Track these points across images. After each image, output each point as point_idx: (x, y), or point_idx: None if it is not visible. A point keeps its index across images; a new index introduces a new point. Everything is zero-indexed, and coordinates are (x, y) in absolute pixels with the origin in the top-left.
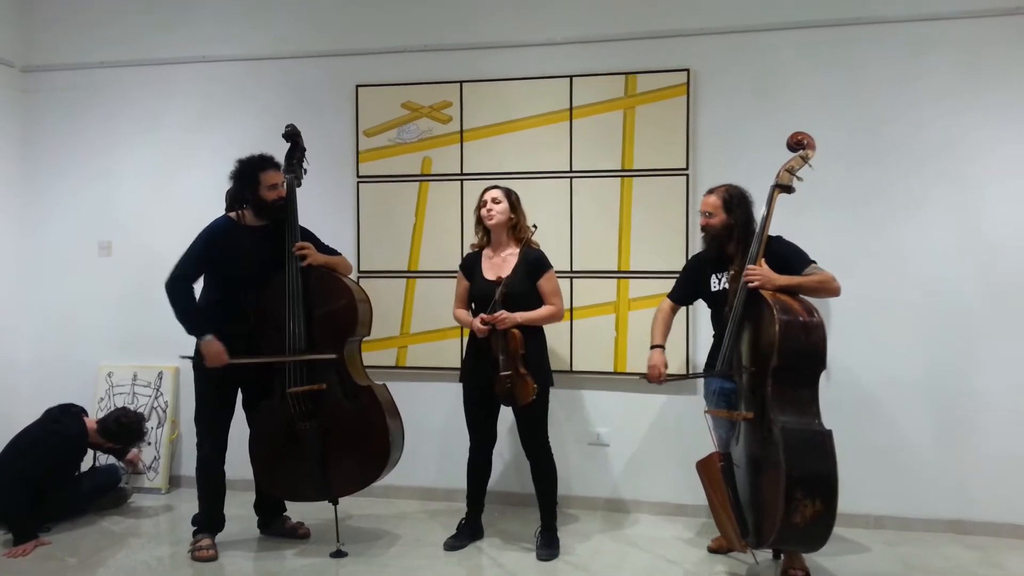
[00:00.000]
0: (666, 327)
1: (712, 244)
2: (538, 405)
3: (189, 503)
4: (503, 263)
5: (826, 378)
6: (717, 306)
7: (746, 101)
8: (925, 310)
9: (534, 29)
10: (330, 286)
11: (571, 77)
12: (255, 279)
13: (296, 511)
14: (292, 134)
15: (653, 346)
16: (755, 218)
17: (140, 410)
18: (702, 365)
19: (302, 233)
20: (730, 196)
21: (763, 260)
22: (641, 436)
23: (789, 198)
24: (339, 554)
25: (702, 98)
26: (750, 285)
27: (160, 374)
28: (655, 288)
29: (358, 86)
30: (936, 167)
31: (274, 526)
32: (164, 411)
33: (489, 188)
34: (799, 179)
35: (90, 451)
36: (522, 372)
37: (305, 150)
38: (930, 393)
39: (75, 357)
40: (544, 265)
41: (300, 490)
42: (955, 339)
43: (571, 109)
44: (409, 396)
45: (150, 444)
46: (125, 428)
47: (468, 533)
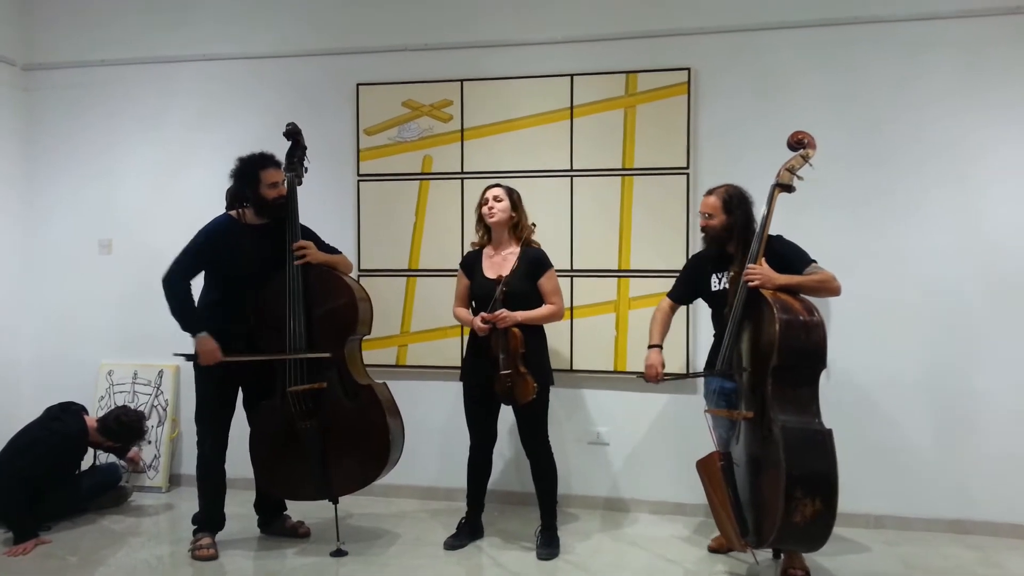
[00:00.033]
0: (664, 327)
1: (712, 244)
2: (538, 404)
3: (189, 502)
4: (504, 262)
5: (826, 377)
6: (717, 306)
7: (747, 100)
8: (925, 310)
9: (535, 28)
10: (330, 285)
11: (572, 76)
12: (255, 278)
13: (296, 510)
14: (293, 132)
15: (650, 346)
16: (755, 218)
17: (140, 409)
18: (702, 365)
19: (303, 232)
20: (730, 197)
21: (763, 259)
22: (641, 435)
23: (789, 197)
24: (339, 553)
25: (703, 97)
26: (750, 284)
27: (161, 372)
28: (655, 287)
29: (359, 84)
30: (937, 167)
31: (274, 525)
32: (164, 410)
33: (491, 186)
34: (799, 178)
35: (90, 450)
36: (522, 371)
37: (306, 148)
38: (930, 393)
39: (76, 355)
40: (545, 264)
41: (300, 489)
42: (955, 339)
43: (572, 108)
44: (409, 395)
45: (150, 443)
46: (125, 427)
47: (468, 532)
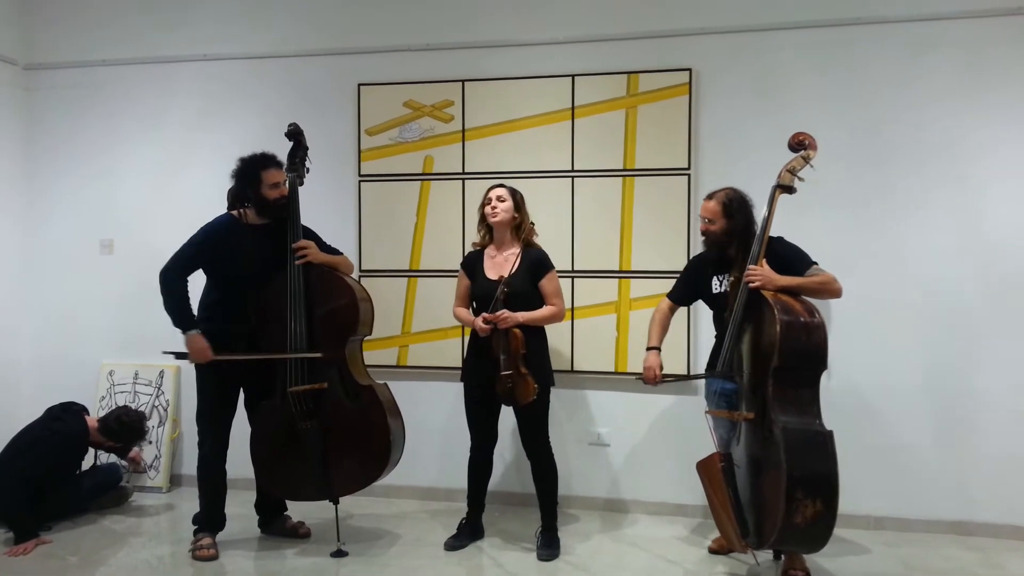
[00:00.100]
0: (663, 328)
1: (713, 248)
2: (539, 405)
3: (190, 502)
4: (505, 262)
5: (827, 378)
6: (718, 308)
7: (748, 101)
8: (926, 310)
9: (536, 28)
10: (331, 285)
11: (573, 76)
12: (256, 278)
13: (297, 510)
14: (295, 133)
15: (649, 348)
16: (756, 221)
17: (141, 409)
18: (703, 366)
19: (304, 232)
20: (730, 201)
21: (764, 260)
22: (642, 436)
23: (790, 198)
24: (340, 554)
25: (704, 98)
26: (751, 285)
27: (161, 373)
28: (656, 288)
29: (360, 85)
30: (937, 167)
31: (275, 525)
32: (165, 410)
33: (494, 186)
34: (800, 179)
35: (91, 450)
36: (523, 372)
37: (308, 149)
38: (930, 393)
39: (76, 355)
40: (546, 265)
41: (301, 489)
42: (955, 339)
43: (573, 108)
44: (410, 395)
45: (151, 443)
46: (126, 427)
47: (469, 533)
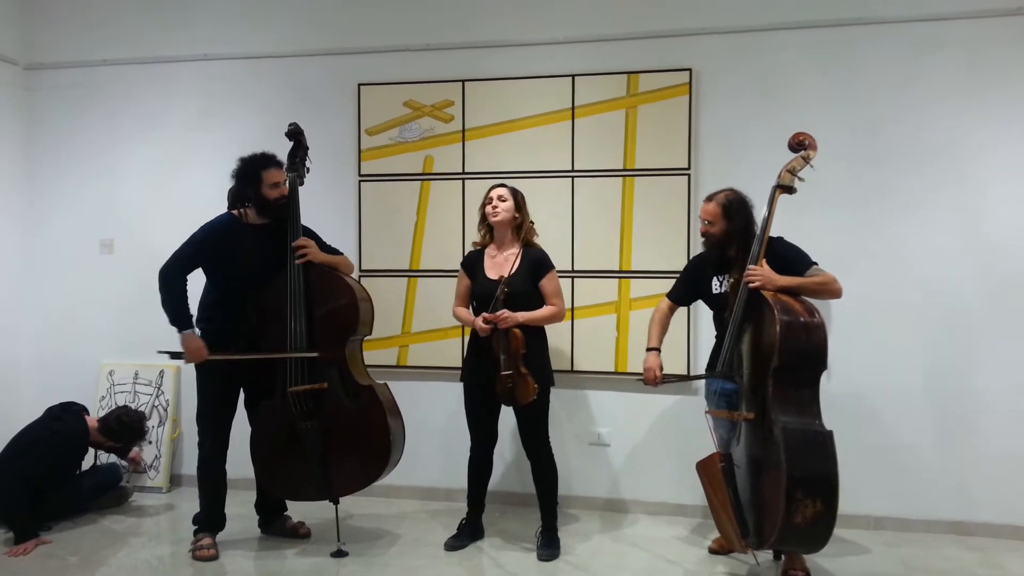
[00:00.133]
0: (662, 329)
1: (713, 250)
2: (539, 405)
3: (190, 502)
4: (505, 262)
5: (827, 379)
6: (718, 309)
7: (748, 101)
8: (926, 311)
9: (536, 28)
10: (332, 285)
11: (573, 76)
12: (256, 277)
13: (297, 510)
14: (295, 132)
15: (649, 348)
16: (756, 222)
17: (141, 409)
18: (703, 366)
19: (304, 232)
20: (729, 203)
21: (764, 261)
22: (642, 436)
23: (790, 198)
24: (340, 554)
25: (704, 98)
26: (751, 285)
27: (161, 373)
28: (656, 288)
29: (360, 85)
30: (937, 168)
31: (275, 525)
32: (165, 410)
33: (495, 186)
34: (800, 179)
35: (91, 450)
36: (523, 372)
37: (308, 149)
38: (931, 394)
39: (76, 355)
40: (546, 265)
41: (301, 489)
42: (956, 340)
43: (573, 108)
44: (410, 395)
45: (151, 443)
46: (126, 427)
47: (469, 533)
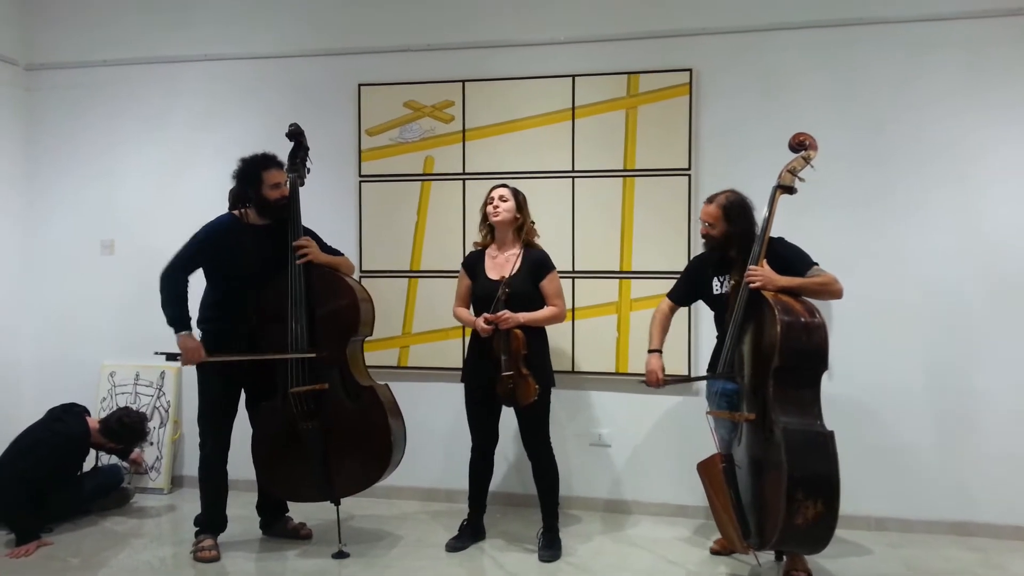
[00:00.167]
0: (664, 330)
1: (714, 251)
2: (540, 406)
3: (191, 503)
4: (506, 263)
5: (827, 379)
6: (718, 309)
7: (748, 101)
8: (926, 311)
9: (536, 28)
10: (333, 285)
11: (573, 77)
12: (257, 278)
13: (298, 512)
14: (296, 133)
15: (650, 350)
16: (756, 223)
17: (142, 410)
18: (704, 366)
19: (305, 233)
20: (730, 205)
21: (765, 261)
22: (643, 437)
23: (791, 199)
24: (341, 555)
25: (704, 98)
26: (752, 286)
27: (162, 374)
28: (657, 288)
29: (360, 85)
30: (938, 167)
31: (276, 527)
32: (166, 411)
33: (497, 186)
34: (801, 180)
35: (93, 451)
36: (524, 373)
37: (308, 149)
38: (931, 394)
39: (77, 356)
40: (547, 266)
41: (302, 490)
42: (956, 339)
43: (573, 109)
44: (411, 396)
45: (152, 444)
46: (127, 428)
47: (470, 534)
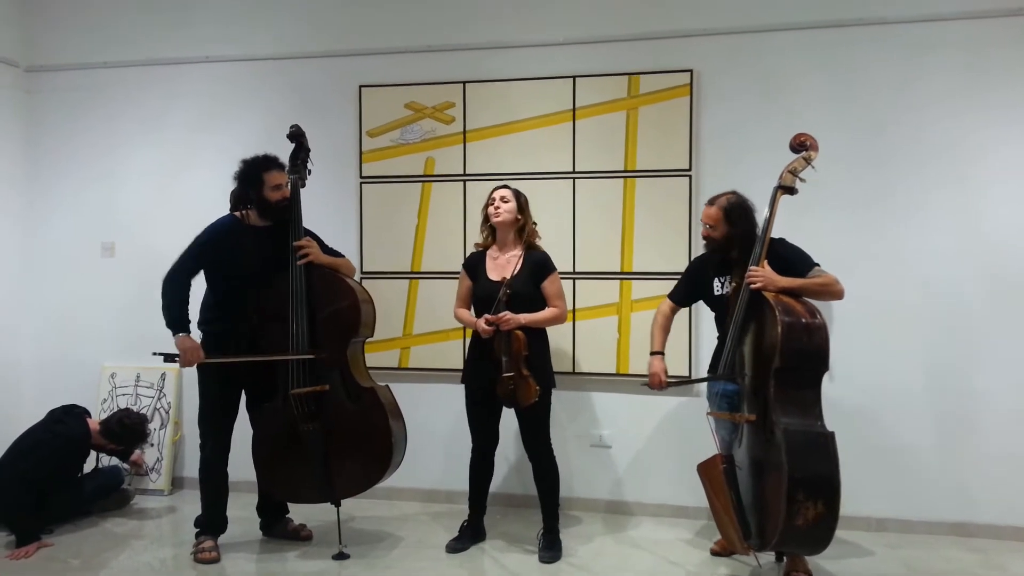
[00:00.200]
0: (665, 331)
1: (715, 253)
2: (540, 407)
3: (192, 505)
4: (507, 264)
5: (828, 380)
6: (719, 310)
7: (749, 102)
8: (926, 311)
9: (537, 29)
10: (333, 287)
11: (574, 78)
12: (257, 278)
13: (298, 513)
14: (296, 135)
15: (653, 352)
16: (757, 225)
17: (143, 411)
18: (705, 367)
19: (305, 234)
20: (731, 207)
21: (765, 262)
22: (643, 438)
23: (791, 199)
24: (341, 556)
25: (705, 99)
26: (752, 286)
27: (163, 375)
28: (658, 289)
29: (361, 86)
30: (938, 168)
31: (276, 528)
32: (167, 412)
33: (499, 187)
34: (802, 180)
35: (93, 452)
36: (525, 374)
37: (309, 151)
38: (931, 394)
39: (78, 358)
40: (548, 267)
41: (302, 492)
42: (956, 340)
43: (574, 110)
44: (411, 397)
45: (153, 445)
46: (128, 429)
47: (470, 535)
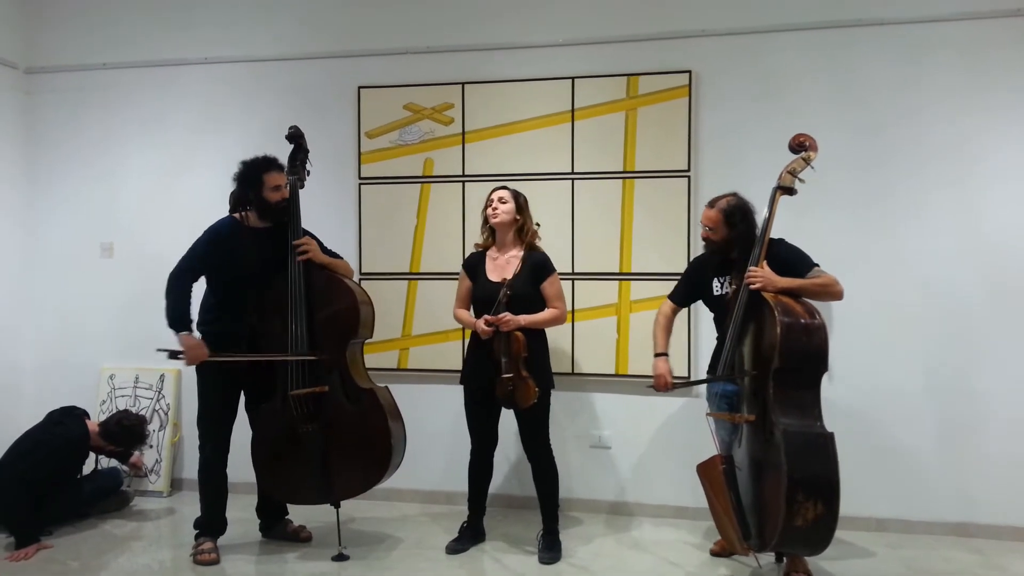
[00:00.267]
0: (667, 332)
1: (715, 255)
2: (539, 407)
3: (191, 506)
4: (507, 265)
5: (828, 380)
6: (719, 311)
7: (748, 103)
8: (926, 312)
9: (536, 30)
10: (333, 288)
11: (573, 79)
12: (257, 279)
13: (298, 514)
14: (296, 136)
15: (657, 354)
16: (757, 226)
17: (142, 412)
18: (705, 368)
19: (305, 235)
20: (731, 209)
21: (765, 262)
22: (643, 438)
23: (790, 200)
24: (341, 557)
25: (704, 100)
26: (752, 287)
27: (162, 376)
28: (657, 290)
29: (360, 87)
30: (937, 169)
31: (276, 529)
32: (166, 414)
33: (497, 188)
34: (801, 181)
35: (92, 454)
36: (524, 375)
37: (308, 152)
38: (932, 395)
39: (77, 359)
40: (548, 268)
41: (302, 493)
42: (956, 341)
43: (573, 111)
44: (411, 398)
45: (152, 447)
46: (127, 431)
47: (470, 536)
